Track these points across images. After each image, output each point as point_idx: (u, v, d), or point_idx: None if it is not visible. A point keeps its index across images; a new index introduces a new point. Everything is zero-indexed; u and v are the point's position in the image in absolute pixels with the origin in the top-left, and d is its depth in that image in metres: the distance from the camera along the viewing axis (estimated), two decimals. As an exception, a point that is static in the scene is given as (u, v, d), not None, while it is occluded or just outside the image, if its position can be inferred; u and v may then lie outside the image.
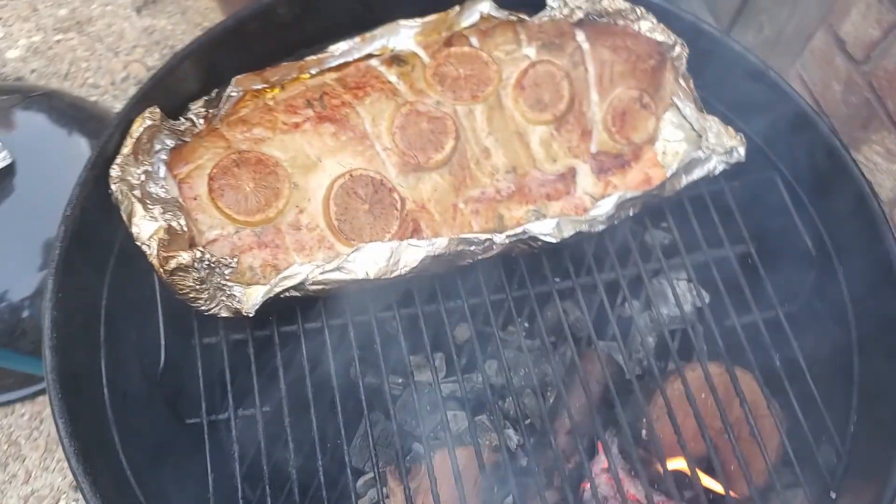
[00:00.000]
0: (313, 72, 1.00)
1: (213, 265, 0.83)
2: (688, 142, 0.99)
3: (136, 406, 0.80)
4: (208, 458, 0.77)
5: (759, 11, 1.83)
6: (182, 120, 0.94)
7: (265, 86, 0.98)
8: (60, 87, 2.34)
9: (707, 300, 0.96)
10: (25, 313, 1.56)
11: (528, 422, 1.00)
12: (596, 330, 0.93)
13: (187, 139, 0.92)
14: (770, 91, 0.98)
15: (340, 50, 1.01)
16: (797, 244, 0.95)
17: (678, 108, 1.00)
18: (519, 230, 0.90)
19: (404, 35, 1.03)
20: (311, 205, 0.90)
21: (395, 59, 0.99)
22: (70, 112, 1.88)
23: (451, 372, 1.05)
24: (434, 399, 1.01)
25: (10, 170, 1.55)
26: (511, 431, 0.99)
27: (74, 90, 2.33)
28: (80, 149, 1.85)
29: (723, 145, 0.96)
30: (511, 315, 0.93)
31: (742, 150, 0.96)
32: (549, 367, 1.00)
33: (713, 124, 0.97)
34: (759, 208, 0.98)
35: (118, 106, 2.30)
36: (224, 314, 0.83)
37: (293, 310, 0.87)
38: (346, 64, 1.00)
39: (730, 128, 0.97)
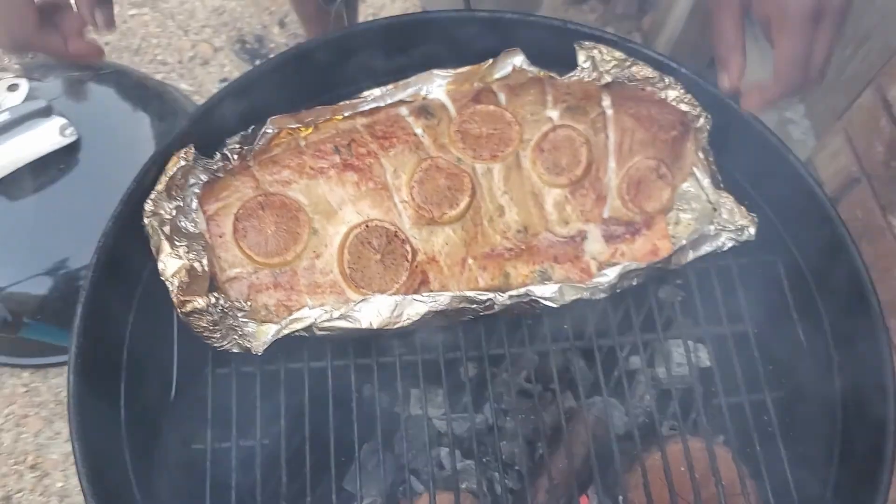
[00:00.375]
0: (346, 114, 1.05)
1: (226, 310, 0.90)
2: (701, 214, 1.01)
3: (149, 428, 0.87)
4: (208, 485, 0.85)
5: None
6: (217, 155, 1.00)
7: (299, 125, 1.04)
8: (131, 62, 2.43)
9: (697, 372, 0.99)
10: (81, 282, 1.67)
11: (516, 468, 1.05)
12: (594, 385, 0.97)
13: (220, 175, 0.99)
14: (788, 174, 0.99)
15: (373, 95, 1.06)
16: (794, 331, 0.96)
17: (697, 180, 1.02)
18: (521, 292, 0.94)
19: (437, 84, 1.07)
20: (327, 251, 0.95)
21: (423, 111, 1.03)
22: (135, 91, 1.97)
23: (454, 409, 1.10)
24: (430, 435, 1.07)
25: (76, 146, 1.64)
26: (496, 475, 1.04)
27: (143, 66, 2.43)
28: (143, 127, 1.94)
29: (734, 223, 0.98)
30: (509, 365, 0.98)
31: (753, 230, 0.98)
32: (544, 416, 1.05)
33: (727, 201, 0.99)
34: (763, 289, 1.00)
35: (183, 85, 2.39)
36: (235, 350, 0.90)
37: (301, 347, 0.93)
38: (378, 109, 1.05)
39: (743, 207, 0.98)
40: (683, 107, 1.04)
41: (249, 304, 0.91)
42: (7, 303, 1.66)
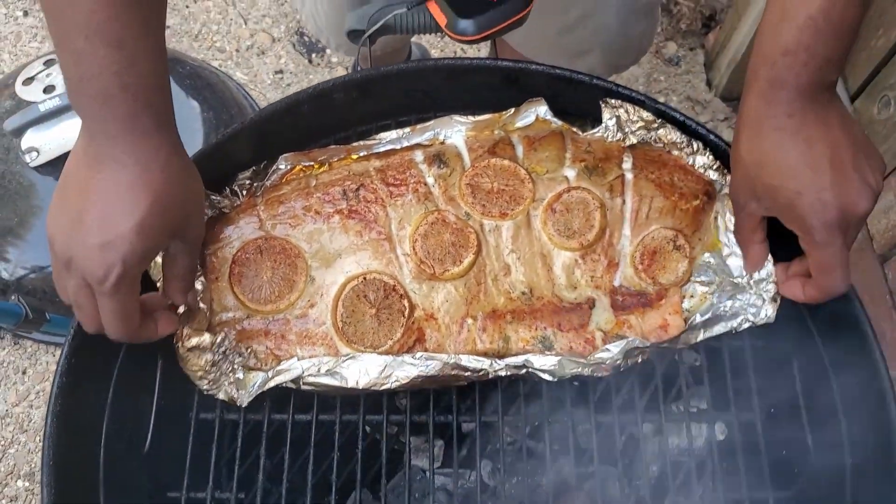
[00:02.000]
0: (362, 153, 1.03)
1: (227, 352, 0.89)
2: (719, 289, 0.95)
3: (125, 472, 0.87)
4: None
5: (888, 87, 1.71)
6: (227, 191, 0.99)
7: (312, 163, 1.02)
8: (189, 47, 2.45)
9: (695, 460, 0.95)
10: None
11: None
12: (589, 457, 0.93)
13: (227, 211, 0.98)
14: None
15: (390, 138, 1.03)
16: (805, 427, 0.91)
17: (720, 252, 0.97)
18: (519, 362, 0.90)
19: (456, 129, 1.03)
20: (322, 300, 0.93)
21: (437, 159, 1.00)
22: (189, 80, 1.99)
23: (447, 463, 1.08)
24: (425, 487, 1.05)
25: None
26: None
27: (201, 52, 2.45)
28: (193, 115, 1.96)
29: (753, 303, 0.93)
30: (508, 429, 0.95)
31: (772, 312, 0.92)
32: (543, 480, 1.02)
33: (749, 277, 0.94)
34: (778, 376, 0.94)
35: (238, 74, 2.40)
36: (221, 397, 0.89)
37: (287, 398, 0.92)
38: (393, 152, 1.02)
39: (773, 286, 0.92)
40: (711, 174, 0.98)
41: (249, 351, 0.90)
42: (39, 288, 1.70)
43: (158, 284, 0.90)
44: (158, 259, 0.88)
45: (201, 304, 0.91)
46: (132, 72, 0.68)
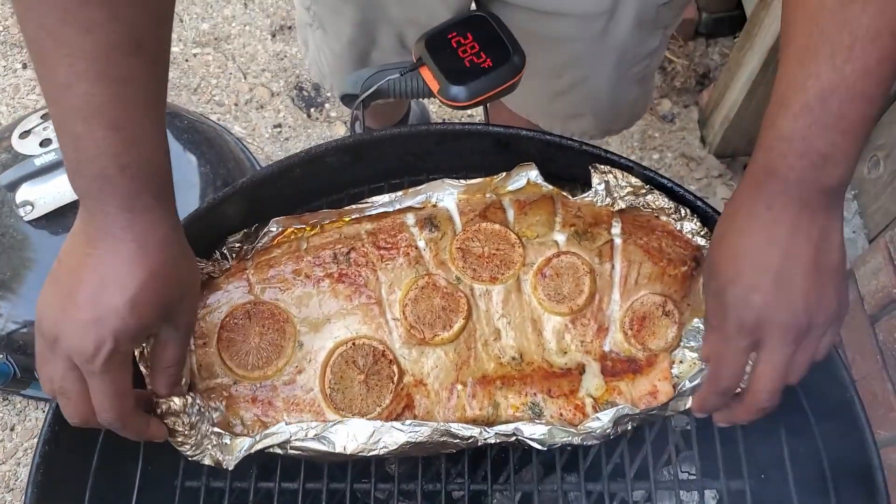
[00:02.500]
0: (354, 216, 1.03)
1: (202, 409, 0.89)
2: None
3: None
4: None
5: (877, 147, 1.73)
6: (216, 254, 0.99)
7: (304, 226, 1.02)
8: (188, 101, 2.48)
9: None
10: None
11: None
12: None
13: (215, 275, 0.98)
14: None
15: (382, 201, 1.04)
16: (793, 495, 0.90)
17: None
18: (509, 430, 0.89)
19: (448, 192, 1.04)
20: (310, 366, 0.93)
21: (429, 223, 1.00)
22: (187, 134, 2.01)
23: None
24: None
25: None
26: None
27: (200, 105, 2.47)
28: (190, 169, 1.97)
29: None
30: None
31: None
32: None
33: None
34: (768, 442, 0.93)
35: (237, 128, 2.42)
36: (207, 462, 0.88)
37: (274, 465, 0.91)
38: (385, 214, 1.03)
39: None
40: (699, 240, 0.99)
41: (224, 404, 0.90)
42: (31, 343, 1.69)
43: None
44: None
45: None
46: (131, 153, 0.68)
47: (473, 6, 1.22)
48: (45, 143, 1.76)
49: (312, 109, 2.46)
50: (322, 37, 1.36)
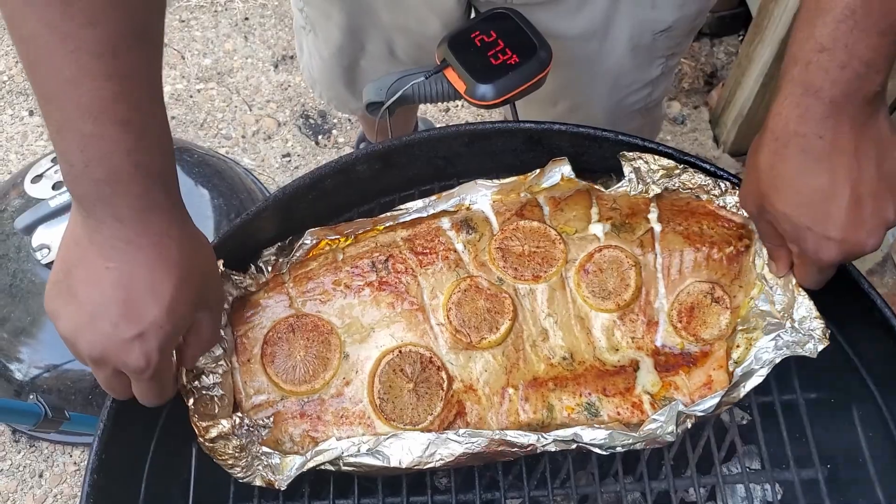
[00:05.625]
0: (388, 224, 1.01)
1: (251, 429, 0.86)
2: (765, 332, 0.90)
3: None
4: None
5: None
6: (252, 268, 0.96)
7: (338, 237, 1.00)
8: (196, 136, 2.47)
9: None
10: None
11: None
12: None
13: (252, 289, 0.95)
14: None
15: (415, 207, 1.02)
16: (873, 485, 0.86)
17: (768, 294, 0.92)
18: (568, 434, 0.85)
19: (482, 193, 1.02)
20: (357, 377, 0.90)
21: (465, 225, 0.98)
22: (198, 168, 2.00)
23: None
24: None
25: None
26: None
27: (207, 140, 2.46)
28: (203, 203, 1.96)
29: (797, 341, 0.87)
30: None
31: (818, 347, 0.85)
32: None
33: (802, 303, 0.87)
34: (838, 429, 0.90)
35: (246, 160, 2.42)
36: (258, 483, 0.85)
37: (326, 482, 0.88)
38: (420, 220, 1.00)
39: (821, 323, 0.86)
40: (744, 212, 0.95)
41: (271, 420, 0.87)
42: (54, 387, 1.67)
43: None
44: None
45: (220, 390, 0.88)
46: (141, 147, 0.65)
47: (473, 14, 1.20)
48: (57, 185, 1.74)
49: (320, 136, 2.45)
50: (314, 41, 1.36)
